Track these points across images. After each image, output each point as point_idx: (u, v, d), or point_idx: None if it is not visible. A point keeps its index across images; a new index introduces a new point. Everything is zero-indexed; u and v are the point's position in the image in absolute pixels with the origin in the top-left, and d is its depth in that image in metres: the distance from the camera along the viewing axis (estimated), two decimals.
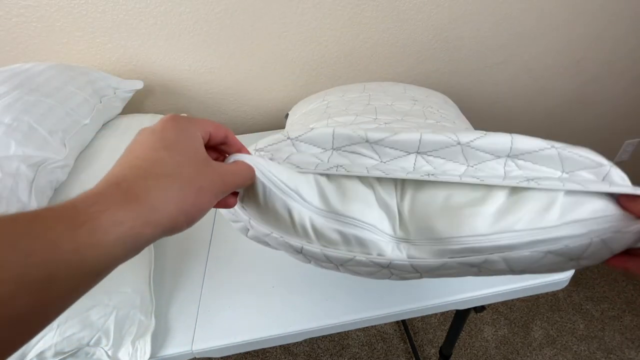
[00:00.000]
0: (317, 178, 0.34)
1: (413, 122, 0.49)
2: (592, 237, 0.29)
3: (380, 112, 0.53)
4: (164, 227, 0.21)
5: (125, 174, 0.22)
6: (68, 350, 0.46)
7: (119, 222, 0.19)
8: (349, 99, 0.63)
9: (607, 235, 0.28)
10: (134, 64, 0.84)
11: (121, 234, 0.19)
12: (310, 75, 0.92)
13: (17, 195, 0.45)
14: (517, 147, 0.33)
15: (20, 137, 0.51)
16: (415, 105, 0.58)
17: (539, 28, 0.94)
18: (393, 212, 0.35)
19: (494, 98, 1.08)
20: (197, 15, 0.78)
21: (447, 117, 0.58)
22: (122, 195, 0.20)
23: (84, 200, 0.19)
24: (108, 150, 0.66)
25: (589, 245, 0.29)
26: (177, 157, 0.23)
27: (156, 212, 0.21)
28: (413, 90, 0.69)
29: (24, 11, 0.72)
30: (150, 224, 0.20)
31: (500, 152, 0.33)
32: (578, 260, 0.30)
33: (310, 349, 1.23)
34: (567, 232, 0.29)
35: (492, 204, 0.32)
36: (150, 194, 0.21)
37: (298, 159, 0.36)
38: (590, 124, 1.23)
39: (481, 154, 0.34)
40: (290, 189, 0.32)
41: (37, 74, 0.63)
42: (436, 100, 0.67)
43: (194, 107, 0.93)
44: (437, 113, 0.57)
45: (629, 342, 1.15)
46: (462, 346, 1.20)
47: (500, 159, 0.34)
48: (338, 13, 0.82)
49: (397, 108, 0.56)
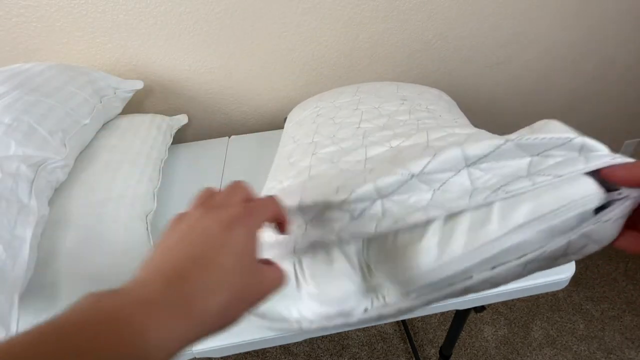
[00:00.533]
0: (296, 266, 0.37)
1: (391, 130, 0.49)
2: (569, 237, 0.27)
3: (365, 120, 0.54)
4: (204, 336, 0.21)
5: (175, 275, 0.21)
6: None
7: (168, 338, 0.18)
8: (339, 104, 0.64)
9: (588, 228, 0.26)
10: (134, 64, 0.84)
11: (169, 349, 0.18)
12: (310, 75, 0.92)
13: (17, 195, 0.45)
14: (470, 154, 0.31)
15: (20, 137, 0.51)
16: (402, 105, 0.59)
17: (539, 28, 0.94)
18: (362, 268, 0.37)
19: (494, 98, 1.08)
20: (197, 15, 0.78)
21: (435, 112, 0.58)
22: (174, 301, 0.19)
23: (130, 305, 0.19)
24: (108, 150, 0.66)
25: (568, 245, 0.27)
26: (229, 261, 0.22)
27: (204, 325, 0.20)
28: (406, 89, 0.69)
29: (24, 11, 0.72)
30: (197, 336, 0.20)
31: (457, 166, 0.32)
32: (566, 257, 0.29)
33: (310, 349, 1.23)
34: (517, 239, 0.28)
35: (432, 235, 0.31)
36: (198, 303, 0.20)
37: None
38: (589, 124, 1.23)
39: (440, 176, 0.32)
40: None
41: (37, 74, 0.63)
42: (429, 96, 0.67)
43: (194, 107, 0.93)
44: (425, 111, 0.58)
45: (629, 342, 1.15)
46: (462, 346, 1.20)
47: (461, 171, 0.32)
48: (338, 13, 0.82)
49: (383, 111, 0.57)
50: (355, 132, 0.51)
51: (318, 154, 0.48)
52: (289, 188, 0.42)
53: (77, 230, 0.51)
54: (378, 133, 0.48)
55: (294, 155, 0.53)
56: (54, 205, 0.53)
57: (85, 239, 0.50)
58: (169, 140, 0.81)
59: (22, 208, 0.44)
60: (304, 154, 0.51)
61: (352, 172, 0.39)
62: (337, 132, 0.53)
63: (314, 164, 0.46)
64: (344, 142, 0.49)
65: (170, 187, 0.75)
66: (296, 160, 0.51)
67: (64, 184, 0.56)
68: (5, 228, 0.41)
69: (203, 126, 0.98)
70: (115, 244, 0.51)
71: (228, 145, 0.89)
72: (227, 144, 0.89)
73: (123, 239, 0.52)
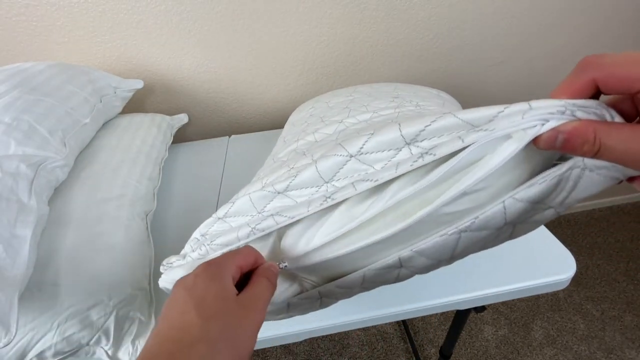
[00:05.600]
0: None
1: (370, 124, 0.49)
2: (504, 200, 0.26)
3: (351, 116, 0.53)
4: None
5: (160, 351, 0.23)
6: (68, 350, 0.46)
7: None
8: (333, 104, 0.64)
9: (521, 192, 0.26)
10: (134, 64, 0.83)
11: None
12: (311, 75, 0.92)
13: (17, 194, 0.45)
14: (408, 132, 0.29)
15: (20, 137, 0.51)
16: (392, 102, 0.58)
17: (540, 28, 0.94)
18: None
19: (494, 98, 1.08)
20: (197, 15, 0.78)
21: (425, 107, 0.57)
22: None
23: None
24: (108, 150, 0.66)
25: (505, 210, 0.26)
26: (206, 312, 0.25)
27: None
28: (403, 89, 0.69)
29: (24, 10, 0.72)
30: None
31: (397, 144, 0.30)
32: (514, 225, 0.28)
33: (310, 349, 1.23)
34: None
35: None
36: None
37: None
38: None
39: (379, 155, 0.30)
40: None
41: (37, 73, 0.63)
42: (424, 94, 0.66)
43: (194, 107, 0.93)
44: (413, 106, 0.57)
45: (629, 342, 1.15)
46: (462, 346, 1.20)
47: (403, 149, 0.30)
48: (338, 13, 0.82)
49: (371, 107, 0.56)
50: (336, 128, 0.50)
51: (297, 150, 0.48)
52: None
53: (77, 230, 0.50)
54: (357, 126, 0.48)
55: (279, 153, 0.53)
56: (54, 205, 0.52)
57: (85, 239, 0.50)
58: (169, 139, 0.81)
59: (22, 207, 0.44)
60: (285, 151, 0.52)
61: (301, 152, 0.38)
62: (320, 129, 0.52)
63: (290, 157, 0.46)
64: (323, 140, 0.48)
65: (170, 186, 0.75)
66: (278, 157, 0.51)
67: (64, 184, 0.56)
68: (5, 227, 0.41)
69: (203, 125, 0.98)
70: (115, 244, 0.51)
71: (228, 144, 0.89)
72: (227, 144, 0.89)
73: (123, 238, 0.52)
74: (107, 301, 0.46)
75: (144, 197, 0.61)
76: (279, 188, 0.34)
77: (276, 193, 0.34)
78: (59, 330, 0.44)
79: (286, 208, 0.33)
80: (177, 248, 0.64)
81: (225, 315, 0.25)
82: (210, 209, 0.69)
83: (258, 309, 0.27)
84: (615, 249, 1.41)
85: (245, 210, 0.36)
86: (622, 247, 1.42)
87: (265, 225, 0.33)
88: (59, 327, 0.44)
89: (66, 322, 0.44)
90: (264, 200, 0.35)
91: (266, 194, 0.34)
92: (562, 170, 0.25)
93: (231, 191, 0.72)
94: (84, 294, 0.45)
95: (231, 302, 0.26)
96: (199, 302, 0.25)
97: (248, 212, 0.35)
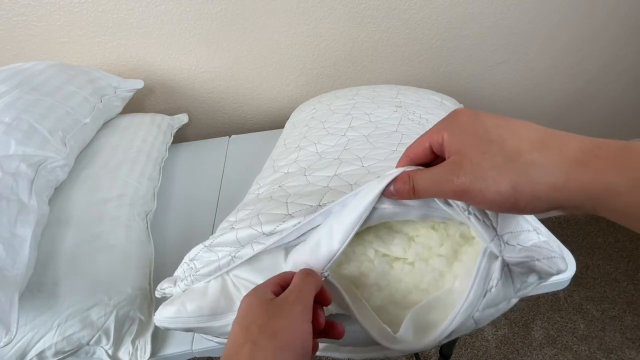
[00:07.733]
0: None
1: (370, 144, 0.51)
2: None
3: (352, 127, 0.57)
4: None
5: None
6: (68, 350, 0.46)
7: None
8: (335, 107, 0.65)
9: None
10: (134, 63, 0.84)
11: None
12: (311, 74, 0.92)
13: (17, 194, 0.45)
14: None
15: (21, 136, 0.51)
16: (395, 112, 0.60)
17: (539, 28, 0.94)
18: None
19: (494, 98, 1.08)
20: (197, 15, 0.78)
21: (428, 122, 0.59)
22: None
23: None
24: (108, 150, 0.66)
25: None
26: (244, 321, 0.28)
27: None
28: (406, 95, 0.69)
29: (25, 10, 0.72)
30: None
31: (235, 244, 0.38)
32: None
33: None
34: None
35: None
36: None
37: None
38: (589, 124, 1.23)
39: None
40: None
41: (38, 73, 0.63)
42: (428, 104, 0.67)
43: (194, 107, 0.93)
44: (416, 120, 0.58)
45: (629, 342, 1.15)
46: (462, 346, 1.20)
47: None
48: (338, 12, 0.82)
49: (373, 117, 0.59)
50: (338, 141, 0.54)
51: (299, 161, 0.51)
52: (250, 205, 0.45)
53: (77, 230, 0.50)
54: (358, 146, 0.51)
55: (280, 159, 0.55)
56: (54, 205, 0.53)
57: (86, 239, 0.50)
58: (169, 139, 0.81)
59: (22, 207, 0.44)
60: (287, 159, 0.53)
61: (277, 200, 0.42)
62: (322, 139, 0.55)
63: (291, 170, 0.49)
64: (325, 153, 0.51)
65: (170, 186, 0.75)
66: (279, 165, 0.53)
67: (64, 183, 0.56)
68: (5, 227, 0.41)
69: (203, 125, 0.98)
70: (115, 244, 0.51)
71: (228, 144, 0.89)
72: (227, 144, 0.89)
73: (123, 238, 0.52)
74: (107, 301, 0.46)
75: (144, 197, 0.61)
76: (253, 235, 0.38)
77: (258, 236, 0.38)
78: (59, 329, 0.44)
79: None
80: (177, 248, 0.64)
81: (259, 316, 0.27)
82: (210, 209, 0.69)
83: (295, 301, 0.28)
84: (615, 249, 1.41)
85: (229, 242, 0.39)
86: (622, 247, 1.42)
87: (243, 253, 0.37)
88: (59, 326, 0.44)
89: (66, 322, 0.44)
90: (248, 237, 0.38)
91: (252, 233, 0.38)
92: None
93: (231, 191, 0.73)
94: (84, 294, 0.45)
95: (265, 304, 0.29)
96: (241, 319, 0.28)
97: (232, 244, 0.39)
